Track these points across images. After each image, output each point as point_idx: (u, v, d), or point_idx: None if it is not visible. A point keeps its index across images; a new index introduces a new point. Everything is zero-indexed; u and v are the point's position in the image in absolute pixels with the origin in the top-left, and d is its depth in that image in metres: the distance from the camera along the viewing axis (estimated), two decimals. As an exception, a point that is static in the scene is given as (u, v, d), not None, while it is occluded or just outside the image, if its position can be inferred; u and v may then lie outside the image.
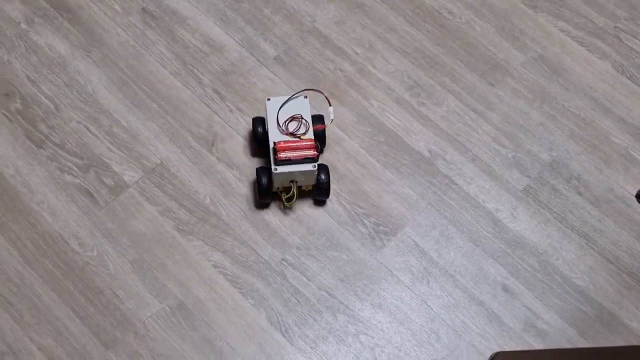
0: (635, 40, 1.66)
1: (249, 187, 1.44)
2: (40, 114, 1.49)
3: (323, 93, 1.45)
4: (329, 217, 1.41)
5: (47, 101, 1.51)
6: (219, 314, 1.31)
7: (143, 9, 1.63)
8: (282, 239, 1.39)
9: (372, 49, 1.62)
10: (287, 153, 1.33)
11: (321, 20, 1.65)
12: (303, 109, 1.40)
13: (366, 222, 1.42)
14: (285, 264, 1.37)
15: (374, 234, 1.41)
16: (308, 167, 1.33)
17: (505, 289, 1.37)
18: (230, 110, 1.52)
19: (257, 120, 1.44)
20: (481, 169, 1.49)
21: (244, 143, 1.48)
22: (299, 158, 1.33)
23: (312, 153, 1.34)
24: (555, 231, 1.43)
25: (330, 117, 1.42)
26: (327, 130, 1.44)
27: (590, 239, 1.42)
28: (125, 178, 1.43)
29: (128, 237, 1.37)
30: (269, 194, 1.38)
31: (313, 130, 1.38)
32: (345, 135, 1.51)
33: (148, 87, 1.54)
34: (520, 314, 1.34)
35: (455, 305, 1.35)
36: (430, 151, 1.50)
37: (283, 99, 1.40)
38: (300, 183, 1.38)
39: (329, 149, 1.48)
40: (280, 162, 1.33)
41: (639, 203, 1.46)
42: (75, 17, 1.61)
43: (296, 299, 1.34)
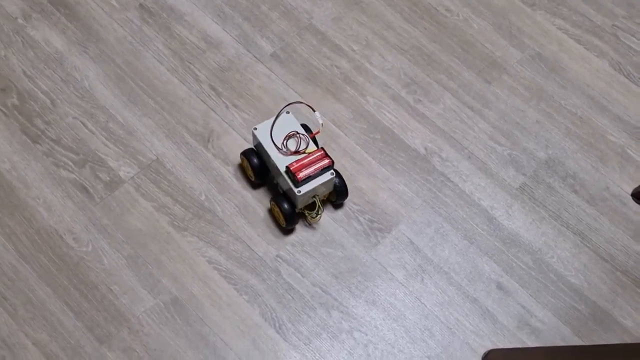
0: (633, 38, 1.66)
1: (244, 184, 1.44)
2: (37, 109, 1.49)
3: (303, 102, 1.41)
4: (324, 214, 1.41)
5: (43, 96, 1.51)
6: (213, 310, 1.32)
7: (140, 4, 1.64)
8: (277, 235, 1.39)
9: (368, 46, 1.62)
10: (305, 171, 1.29)
11: (318, 17, 1.65)
12: (292, 124, 1.36)
13: (361, 219, 1.42)
14: (280, 260, 1.37)
15: (369, 230, 1.41)
16: (327, 176, 1.31)
17: (500, 286, 1.37)
18: (227, 107, 1.52)
19: (248, 153, 1.38)
20: (477, 166, 1.49)
21: (240, 140, 1.49)
22: (318, 171, 1.30)
23: (327, 162, 1.31)
24: (550, 229, 1.43)
25: (319, 122, 1.36)
26: (321, 129, 1.43)
27: (585, 237, 1.42)
28: (121, 174, 1.44)
29: (123, 232, 1.38)
30: (295, 218, 1.35)
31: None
32: (341, 132, 1.51)
33: (145, 83, 1.54)
34: (514, 312, 1.34)
35: (449, 302, 1.35)
36: (426, 148, 1.50)
37: (268, 123, 1.35)
38: (320, 195, 1.36)
39: (324, 146, 1.48)
40: (302, 182, 1.29)
41: (635, 202, 1.46)
42: (72, 12, 1.62)
43: (290, 295, 1.34)
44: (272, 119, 1.35)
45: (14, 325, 1.28)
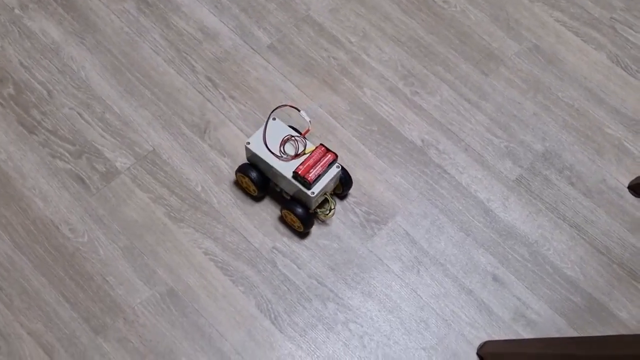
0: (631, 31, 1.65)
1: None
2: (33, 99, 1.49)
3: (287, 104, 1.38)
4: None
5: (40, 87, 1.50)
6: (208, 301, 1.32)
7: (137, -5, 1.63)
8: (273, 227, 1.39)
9: (366, 37, 1.61)
10: (313, 171, 1.27)
11: (315, 8, 1.64)
12: (282, 129, 1.33)
13: (357, 210, 1.41)
14: (276, 251, 1.37)
15: (365, 222, 1.40)
16: (334, 170, 1.30)
17: (496, 278, 1.37)
18: (223, 98, 1.52)
19: (244, 168, 1.35)
20: (474, 158, 1.48)
21: (237, 131, 1.48)
22: (325, 168, 1.28)
23: (330, 157, 1.29)
24: (547, 221, 1.43)
25: (307, 120, 1.34)
26: (311, 125, 1.42)
27: (581, 230, 1.42)
28: (117, 165, 1.43)
29: (119, 223, 1.38)
30: (311, 219, 1.34)
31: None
32: (337, 123, 1.50)
33: (141, 74, 1.54)
34: (510, 304, 1.34)
35: (445, 294, 1.35)
36: (423, 140, 1.50)
37: (259, 134, 1.32)
38: (329, 190, 1.34)
39: (321, 139, 1.48)
40: (314, 183, 1.28)
41: (632, 194, 1.46)
42: (69, 3, 1.61)
43: (286, 286, 1.34)
44: (262, 130, 1.32)
45: (10, 315, 1.28)
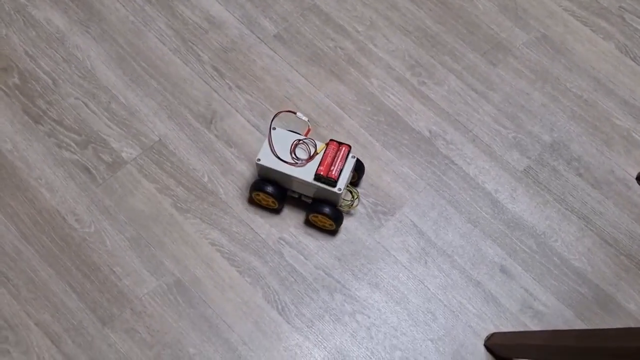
0: (640, 20, 1.64)
1: (247, 165, 1.43)
2: (38, 89, 1.48)
3: (282, 111, 1.36)
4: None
5: (45, 76, 1.50)
6: (215, 292, 1.31)
7: (142, -16, 1.62)
8: (280, 217, 1.38)
9: (373, 26, 1.60)
10: (335, 168, 1.27)
11: (322, -3, 1.63)
12: (286, 137, 1.31)
13: (364, 201, 1.41)
14: (283, 242, 1.36)
15: (372, 213, 1.40)
16: (351, 162, 1.29)
17: (503, 270, 1.36)
18: (230, 88, 1.51)
19: (259, 185, 1.33)
20: (481, 149, 1.48)
21: (243, 121, 1.48)
22: (343, 161, 1.28)
23: (345, 149, 1.28)
24: (555, 213, 1.42)
25: (305, 120, 1.31)
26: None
27: (589, 221, 1.42)
28: (124, 155, 1.43)
29: (125, 214, 1.37)
30: (341, 215, 1.33)
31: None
32: (345, 114, 1.50)
33: (147, 63, 1.53)
34: (518, 295, 1.34)
35: (453, 285, 1.35)
36: (430, 131, 1.49)
37: (266, 148, 1.29)
38: (349, 181, 1.33)
39: (328, 128, 1.47)
40: (338, 178, 1.27)
41: (640, 185, 1.45)
42: (74, -9, 1.60)
43: (293, 277, 1.33)
44: (267, 143, 1.30)
45: (17, 305, 1.28)
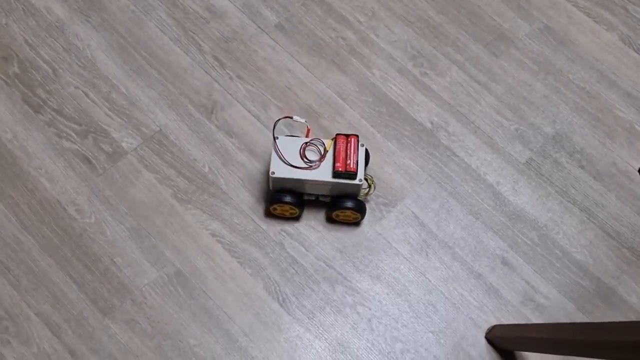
0: (644, 12, 1.63)
1: (248, 156, 1.42)
2: (39, 78, 1.47)
3: (279, 119, 1.34)
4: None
5: (45, 65, 1.49)
6: (216, 283, 1.31)
7: (143, -28, 1.61)
8: (281, 208, 1.38)
9: (375, 17, 1.59)
10: (350, 160, 1.26)
11: (324, -13, 1.62)
12: (291, 143, 1.30)
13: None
14: (284, 234, 1.36)
15: (374, 205, 1.39)
16: (362, 150, 1.29)
17: (505, 262, 1.36)
18: (231, 78, 1.50)
19: (278, 197, 1.31)
20: (483, 141, 1.47)
21: (244, 112, 1.47)
22: (356, 152, 1.27)
23: (354, 139, 1.28)
24: (557, 205, 1.42)
25: (302, 121, 1.32)
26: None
27: (591, 214, 1.41)
28: (124, 145, 1.42)
29: (126, 204, 1.37)
30: (365, 206, 1.33)
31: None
32: (346, 105, 1.49)
33: (147, 53, 1.52)
34: (519, 288, 1.34)
35: (454, 277, 1.34)
36: (432, 122, 1.48)
37: (275, 160, 1.28)
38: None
39: (329, 119, 1.47)
40: (357, 170, 1.26)
41: (642, 178, 1.45)
42: (74, -20, 1.59)
43: (294, 269, 1.33)
44: (275, 153, 1.28)
45: (17, 296, 1.28)
